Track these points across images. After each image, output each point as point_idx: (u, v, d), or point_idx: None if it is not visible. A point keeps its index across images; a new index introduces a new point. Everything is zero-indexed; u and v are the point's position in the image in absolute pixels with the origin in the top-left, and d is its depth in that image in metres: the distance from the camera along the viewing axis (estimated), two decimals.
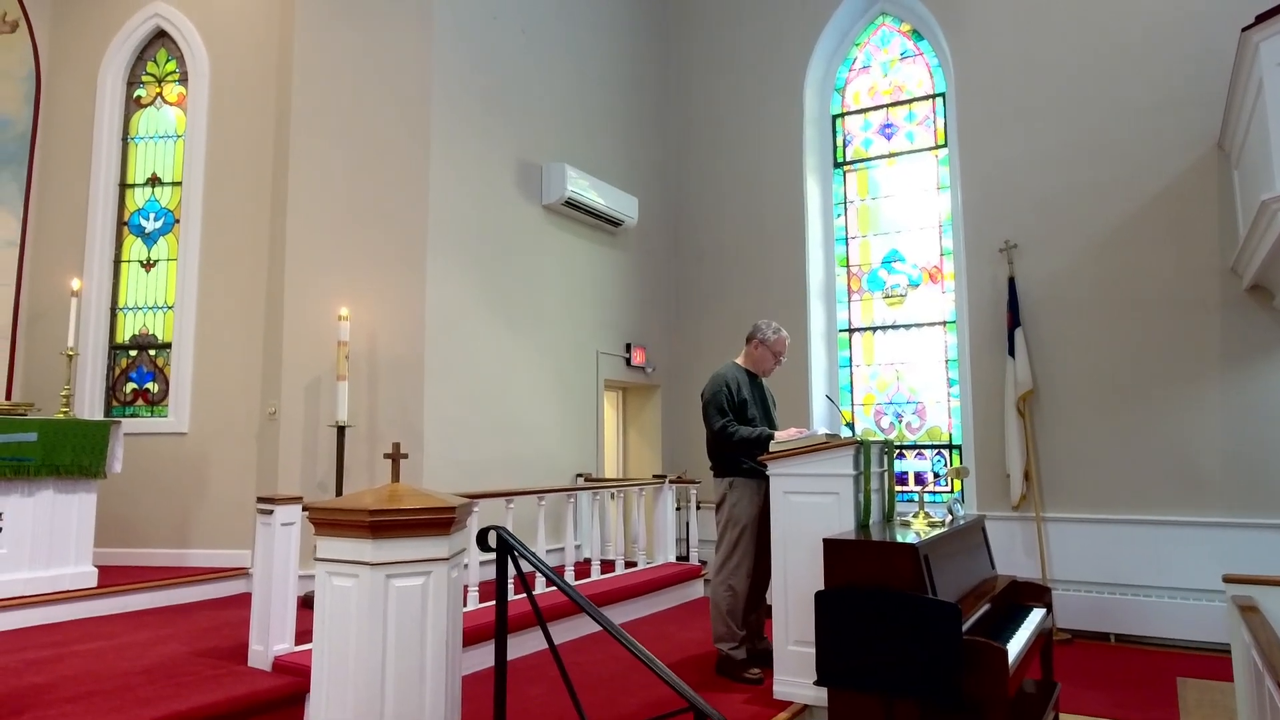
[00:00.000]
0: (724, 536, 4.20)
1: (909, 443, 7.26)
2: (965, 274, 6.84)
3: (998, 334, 6.54)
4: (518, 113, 6.64)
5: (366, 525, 2.44)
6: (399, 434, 5.47)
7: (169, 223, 6.39)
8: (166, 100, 6.56)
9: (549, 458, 6.63)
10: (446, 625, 2.55)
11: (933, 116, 7.50)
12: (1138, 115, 6.17)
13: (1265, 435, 5.60)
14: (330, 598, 2.50)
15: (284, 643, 3.71)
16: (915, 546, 2.96)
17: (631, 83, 8.10)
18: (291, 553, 3.78)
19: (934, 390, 7.24)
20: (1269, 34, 4.27)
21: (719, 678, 4.08)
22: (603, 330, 7.42)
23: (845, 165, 7.91)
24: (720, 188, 8.20)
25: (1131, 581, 5.88)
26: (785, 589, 3.72)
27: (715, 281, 8.14)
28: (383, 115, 5.88)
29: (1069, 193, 6.39)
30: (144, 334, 6.29)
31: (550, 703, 3.66)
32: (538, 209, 6.75)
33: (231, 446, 5.91)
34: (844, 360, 7.72)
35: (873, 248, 7.70)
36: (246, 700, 3.29)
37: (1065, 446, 6.24)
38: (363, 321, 5.66)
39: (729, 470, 4.24)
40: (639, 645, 2.48)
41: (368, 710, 2.38)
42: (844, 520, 3.57)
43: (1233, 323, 5.76)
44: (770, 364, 4.46)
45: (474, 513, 4.14)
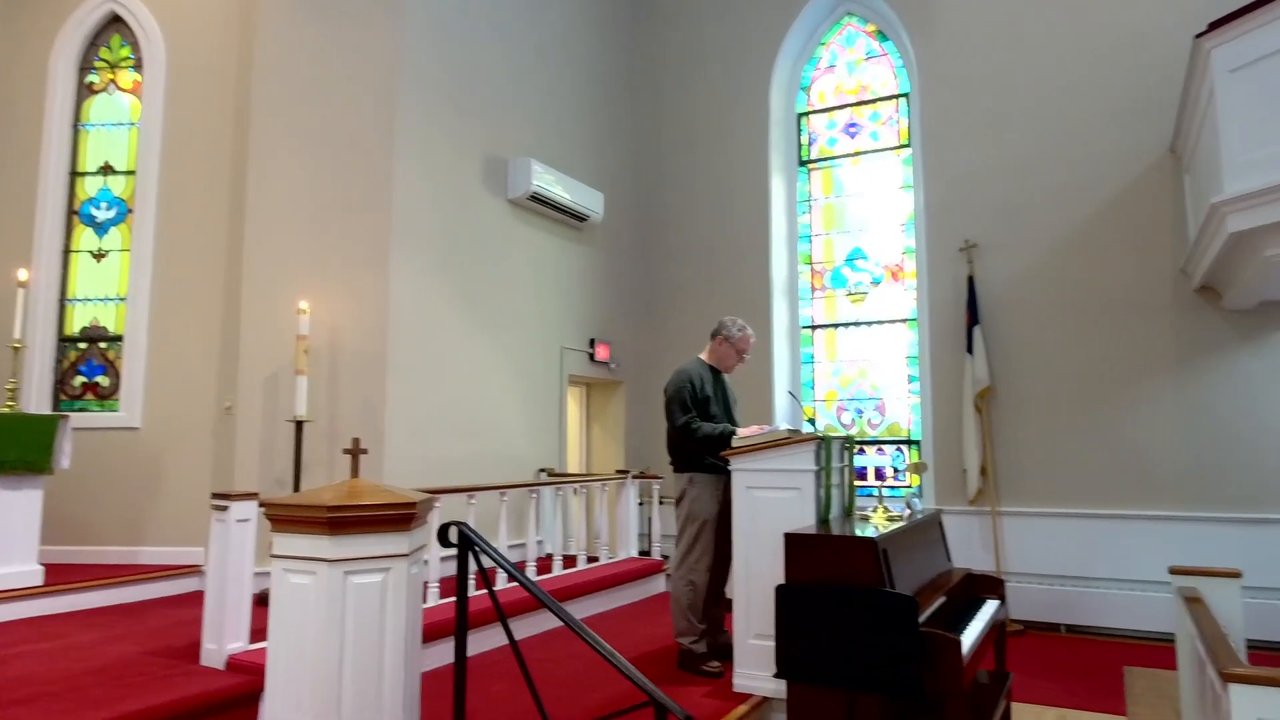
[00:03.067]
0: (684, 531, 4.22)
1: (869, 438, 7.36)
2: (926, 273, 6.94)
3: (957, 332, 6.65)
4: (484, 107, 6.58)
5: (325, 521, 2.41)
6: (360, 430, 5.40)
7: (122, 212, 6.23)
8: (120, 87, 6.39)
9: (512, 453, 6.60)
10: (406, 622, 2.53)
11: (896, 117, 7.60)
12: (1095, 120, 6.31)
13: (1213, 432, 5.77)
14: (286, 595, 2.46)
15: (238, 641, 3.65)
16: (874, 541, 3.00)
17: (599, 79, 8.08)
18: (247, 550, 3.71)
19: (895, 387, 7.35)
20: (1220, 41, 4.39)
21: (680, 671, 4.10)
22: (567, 326, 7.40)
23: (810, 163, 7.98)
24: (686, 184, 8.22)
25: (1082, 574, 6.03)
26: (746, 583, 3.74)
27: (680, 278, 8.16)
28: (347, 107, 5.79)
29: (1028, 195, 6.52)
30: (94, 326, 6.13)
31: (512, 699, 3.64)
32: (503, 203, 6.71)
33: (186, 442, 5.79)
34: (807, 357, 7.79)
35: (836, 246, 7.78)
36: (200, 700, 3.23)
37: (1021, 442, 6.37)
38: (323, 315, 5.57)
39: (690, 466, 4.26)
40: (600, 640, 2.48)
41: (324, 708, 2.36)
42: (805, 515, 3.60)
43: (1183, 323, 5.93)
44: (734, 361, 4.49)
45: (435, 508, 4.10)
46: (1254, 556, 5.47)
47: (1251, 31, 4.23)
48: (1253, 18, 4.21)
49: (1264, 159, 4.13)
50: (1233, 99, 4.34)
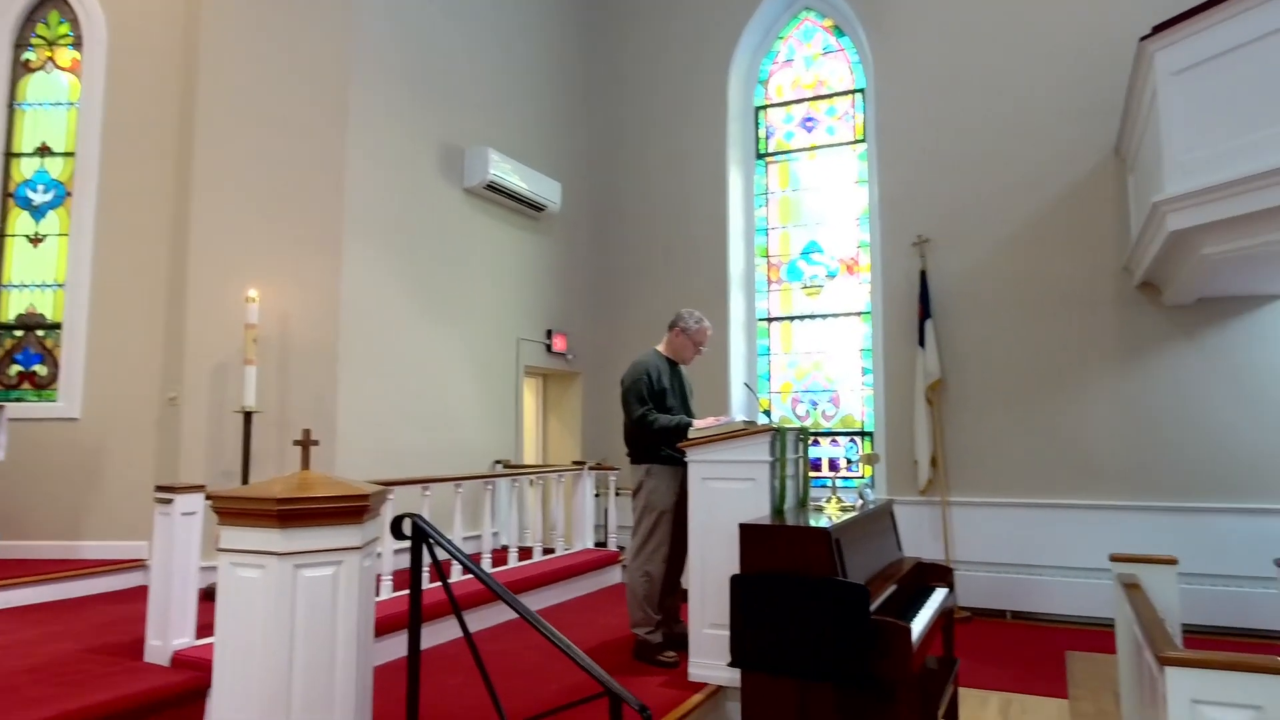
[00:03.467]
0: (641, 522, 4.23)
1: (824, 430, 7.45)
2: (880, 267, 7.05)
3: (910, 325, 6.77)
4: (440, 94, 6.49)
5: (275, 514, 2.36)
6: (311, 421, 5.30)
7: (60, 195, 6.00)
8: (58, 65, 6.15)
9: (468, 445, 6.54)
10: (358, 615, 2.49)
11: (852, 112, 7.68)
12: (1044, 120, 6.46)
13: (1152, 424, 5.97)
14: (234, 589, 2.41)
15: (184, 637, 3.57)
16: (827, 531, 3.04)
17: (558, 68, 8.02)
18: (193, 543, 3.63)
19: (849, 379, 7.45)
20: (1164, 45, 4.52)
21: (635, 662, 4.11)
22: (524, 316, 7.35)
23: (768, 157, 8.03)
24: (644, 176, 8.21)
25: (1027, 561, 6.20)
26: (701, 573, 3.77)
27: (638, 269, 8.16)
28: (298, 90, 5.65)
29: (978, 192, 6.65)
30: (31, 313, 5.91)
31: (466, 692, 3.62)
32: (459, 192, 6.63)
33: (128, 433, 5.62)
34: (763, 349, 7.86)
35: (792, 239, 7.85)
36: (144, 697, 3.15)
37: (969, 434, 6.52)
38: (273, 304, 5.44)
39: (646, 457, 4.26)
40: (556, 631, 2.47)
41: (273, 704, 2.31)
42: (760, 506, 3.63)
43: (1125, 318, 6.11)
44: (691, 353, 4.49)
45: (389, 500, 4.05)
46: (1190, 544, 5.68)
47: (1193, 35, 4.36)
48: (1195, 22, 4.34)
49: (1203, 160, 4.27)
50: (1174, 101, 4.48)
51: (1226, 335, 5.82)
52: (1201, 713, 2.03)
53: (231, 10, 5.67)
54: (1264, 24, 4.02)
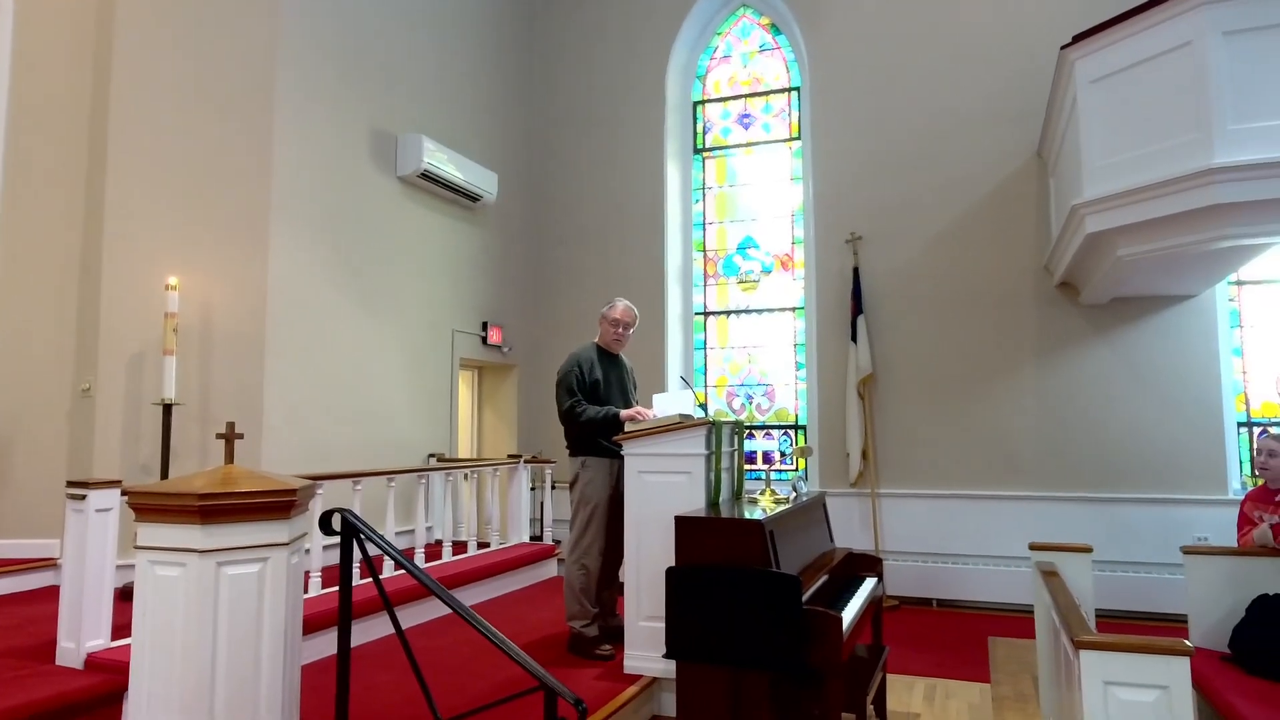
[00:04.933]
0: (577, 515, 4.23)
1: (758, 423, 7.56)
2: (814, 263, 7.17)
3: (842, 321, 6.91)
4: (374, 77, 6.33)
5: (196, 510, 2.27)
6: (235, 414, 5.12)
7: None
8: None
9: (401, 438, 6.42)
10: (285, 613, 2.42)
11: (788, 109, 7.78)
12: (970, 123, 6.66)
13: (1069, 418, 6.23)
14: (153, 588, 2.31)
15: (99, 639, 3.41)
16: (761, 523, 3.08)
17: (495, 57, 7.90)
18: (108, 541, 3.47)
19: (783, 373, 7.56)
20: (1084, 53, 4.70)
21: (571, 655, 4.11)
22: (459, 308, 7.24)
23: (705, 152, 8.08)
24: (582, 167, 8.17)
25: (952, 551, 6.41)
26: (637, 566, 3.78)
27: (575, 261, 8.12)
28: (222, 67, 5.43)
29: (908, 191, 6.82)
30: None
31: (399, 688, 3.56)
32: (392, 180, 6.48)
33: (37, 425, 5.33)
34: (699, 343, 7.91)
35: (729, 234, 7.92)
36: (54, 702, 3.00)
37: (899, 428, 6.69)
38: (195, 292, 5.23)
39: (583, 450, 4.26)
40: (490, 626, 2.45)
41: (195, 706, 2.23)
42: (695, 498, 3.66)
43: (1045, 317, 6.36)
44: (613, 337, 4.43)
45: (317, 495, 3.95)
46: (1104, 533, 5.96)
47: (1111, 45, 4.55)
48: (1112, 32, 4.53)
49: (1120, 165, 4.46)
50: (1093, 108, 4.67)
51: (1138, 334, 6.11)
52: (1113, 693, 2.13)
53: None
54: (1176, 36, 4.22)
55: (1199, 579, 3.73)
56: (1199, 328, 5.99)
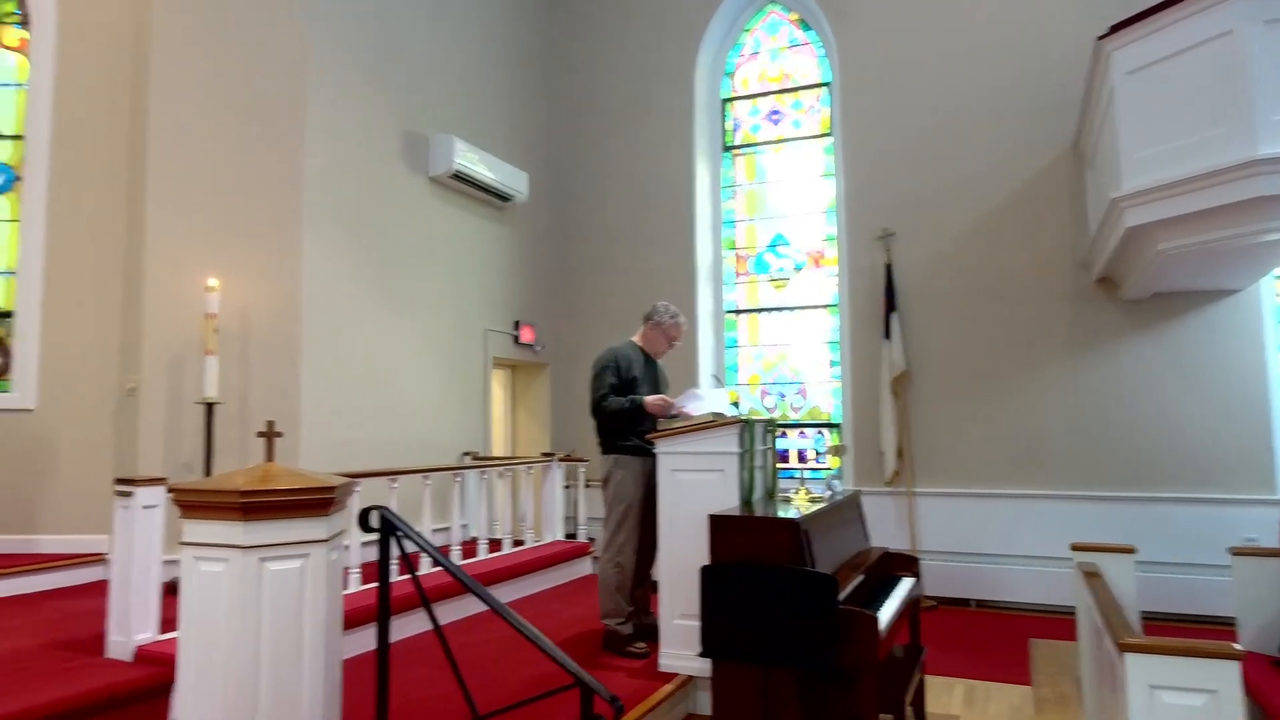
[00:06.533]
0: (611, 514, 4.23)
1: (791, 422, 7.51)
2: (846, 259, 7.11)
3: (875, 318, 6.84)
4: (404, 80, 6.39)
5: (238, 507, 2.32)
6: (273, 413, 5.21)
7: (9, 179, 5.82)
8: (5, 44, 5.96)
9: (435, 437, 6.49)
10: (326, 609, 2.46)
11: (818, 105, 7.72)
12: (1004, 116, 6.56)
13: (1111, 416, 6.11)
14: (197, 583, 2.37)
15: (147, 632, 3.50)
16: (796, 522, 3.07)
17: (524, 56, 7.94)
18: (154, 537, 3.55)
19: (816, 371, 7.51)
20: (1121, 44, 4.61)
21: (605, 653, 4.12)
22: (491, 307, 7.29)
23: (734, 149, 8.05)
24: (611, 167, 8.18)
25: (991, 551, 6.32)
26: (671, 564, 3.78)
27: (605, 260, 8.14)
28: (255, 73, 5.52)
29: (941, 186, 6.74)
30: None
31: (436, 683, 3.60)
32: (424, 181, 6.54)
33: (85, 425, 5.47)
34: (731, 341, 7.89)
35: (759, 231, 7.88)
36: (106, 693, 3.09)
37: (934, 425, 6.62)
38: (234, 293, 5.33)
39: (616, 448, 4.27)
40: (525, 623, 2.47)
41: (240, 699, 2.28)
42: (729, 497, 3.65)
43: (1082, 312, 6.24)
44: (663, 347, 4.50)
45: (355, 493, 4.00)
46: (1147, 533, 5.84)
47: (1148, 36, 4.45)
48: (1150, 22, 4.43)
49: (1159, 156, 4.37)
50: (1130, 99, 4.57)
51: (1181, 329, 5.97)
52: (1159, 697, 2.09)
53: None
54: (1215, 26, 4.12)
55: (1248, 581, 3.63)
56: (1244, 323, 5.84)
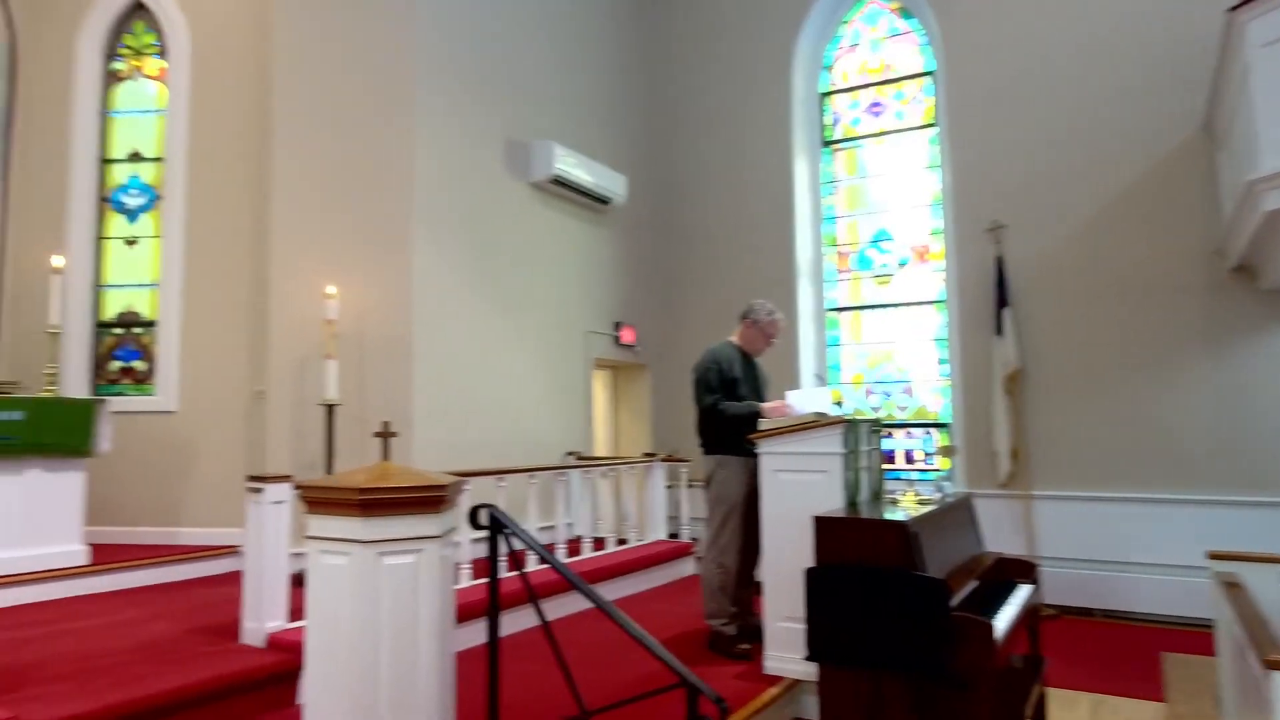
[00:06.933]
0: (714, 514, 4.22)
1: (897, 421, 7.30)
2: (954, 253, 6.86)
3: (985, 313, 6.57)
4: (504, 90, 6.57)
5: (357, 503, 2.42)
6: (388, 413, 5.44)
7: (151, 199, 6.30)
8: (145, 74, 6.45)
9: (539, 436, 6.63)
10: (439, 602, 2.55)
11: (921, 95, 7.48)
12: (1124, 98, 6.18)
13: (1247, 414, 5.67)
14: (322, 575, 2.49)
15: (277, 620, 3.71)
16: (905, 524, 2.98)
17: (618, 60, 8.03)
18: (282, 531, 3.77)
19: (922, 369, 7.28)
20: (1255, 14, 4.27)
21: (710, 653, 4.12)
22: (591, 309, 7.40)
23: (834, 144, 7.89)
24: (708, 166, 8.16)
25: (1117, 558, 5.96)
26: (775, 566, 3.74)
27: (704, 260, 8.12)
28: (367, 92, 5.80)
29: (1055, 174, 6.41)
30: (129, 312, 6.22)
31: (542, 678, 3.68)
32: (525, 187, 6.71)
33: (220, 425, 5.87)
34: (833, 339, 7.74)
35: (861, 227, 7.70)
36: (240, 676, 3.30)
37: (1053, 425, 6.30)
38: (350, 300, 5.61)
39: (718, 448, 4.25)
40: (630, 621, 2.49)
41: (362, 686, 2.39)
42: (833, 498, 3.59)
43: (1217, 303, 5.81)
44: (762, 345, 4.46)
45: (465, 491, 4.13)
46: None
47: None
48: None
49: None
50: (1268, 73, 4.23)
51: None
52: None
53: (302, 17, 5.85)
54: None
55: None
56: None
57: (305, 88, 5.79)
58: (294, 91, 5.79)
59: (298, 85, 5.80)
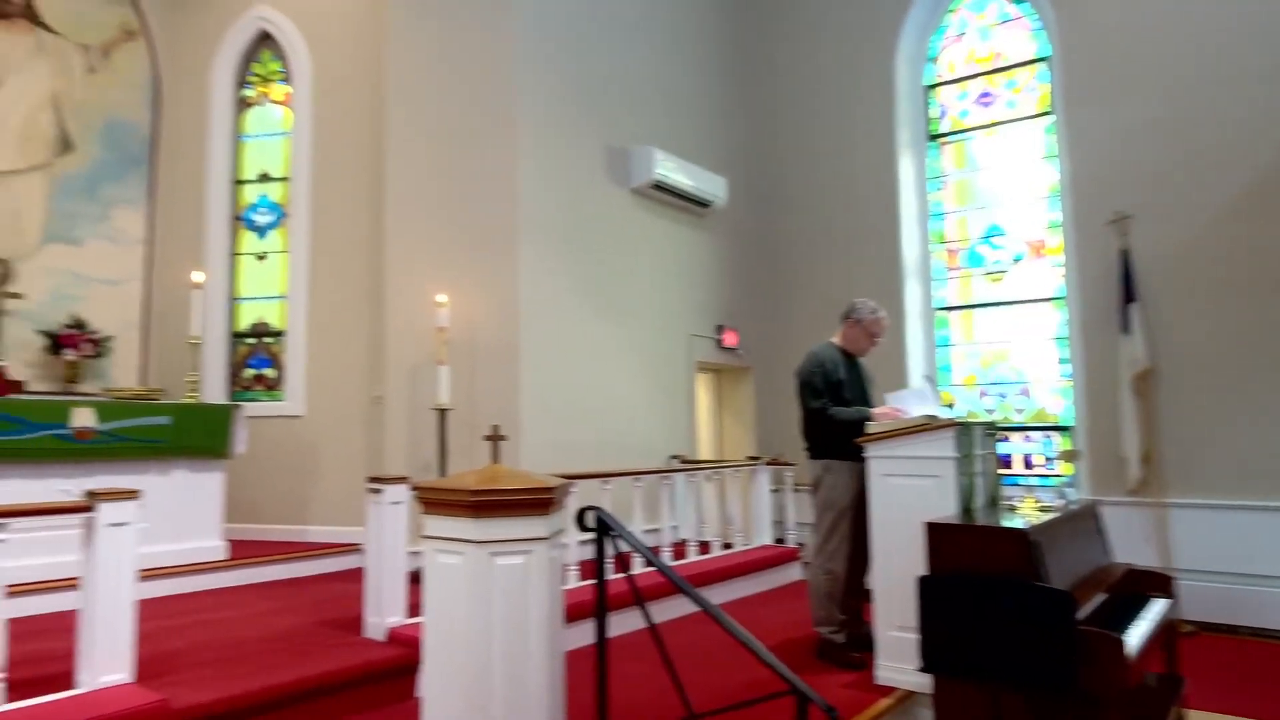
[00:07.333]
0: (821, 520, 4.15)
1: (1014, 424, 6.98)
2: (1074, 247, 6.51)
3: (1110, 309, 6.19)
4: (603, 98, 6.67)
5: (468, 505, 2.50)
6: (497, 417, 5.60)
7: (279, 216, 6.72)
8: (272, 99, 6.88)
9: (643, 440, 6.68)
10: (548, 602, 2.60)
11: (1035, 83, 7.13)
12: (1256, 79, 5.71)
13: None
14: (437, 574, 2.58)
15: (397, 615, 3.88)
16: (1025, 531, 2.85)
17: (717, 61, 8.01)
18: (400, 530, 3.94)
19: (1040, 369, 6.93)
20: None
21: (818, 661, 4.05)
22: (693, 313, 7.41)
23: (941, 138, 7.62)
24: (810, 165, 8.03)
25: (1264, 571, 5.50)
26: (885, 573, 3.65)
27: (807, 261, 8.00)
28: (472, 107, 6.00)
29: (1184, 161, 5.98)
30: (260, 323, 6.65)
31: (649, 679, 3.70)
32: (625, 193, 6.78)
33: (342, 428, 6.20)
34: (942, 340, 7.47)
35: (971, 223, 7.40)
36: (363, 669, 3.47)
37: (1189, 427, 5.87)
38: (460, 308, 5.80)
39: (825, 452, 4.17)
40: (738, 626, 2.48)
41: (476, 682, 2.46)
42: (945, 504, 3.47)
43: None
44: (865, 344, 4.36)
45: (571, 493, 4.20)
46: None
47: None
48: None
49: None
50: None
51: None
52: None
53: (413, 39, 6.11)
54: None
55: None
56: None
57: (415, 105, 6.05)
58: (405, 109, 6.06)
59: (408, 103, 6.06)
